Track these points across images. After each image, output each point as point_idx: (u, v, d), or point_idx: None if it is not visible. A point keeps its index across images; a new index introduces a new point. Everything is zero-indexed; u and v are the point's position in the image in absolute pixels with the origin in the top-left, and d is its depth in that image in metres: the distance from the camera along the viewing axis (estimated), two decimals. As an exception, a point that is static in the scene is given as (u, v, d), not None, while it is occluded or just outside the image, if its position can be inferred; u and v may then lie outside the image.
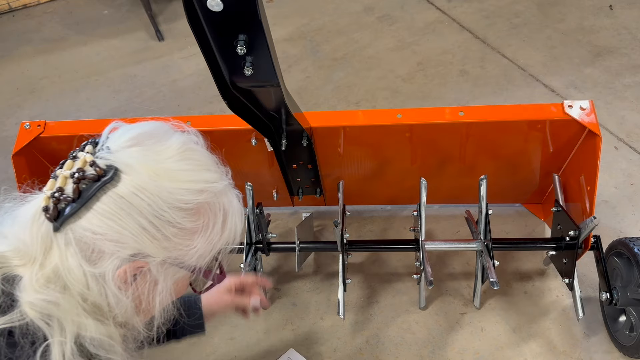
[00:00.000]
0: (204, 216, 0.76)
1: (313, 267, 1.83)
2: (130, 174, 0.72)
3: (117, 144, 0.76)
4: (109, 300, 0.75)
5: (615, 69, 2.40)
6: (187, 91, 2.61)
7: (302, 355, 1.59)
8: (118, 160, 0.73)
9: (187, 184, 0.74)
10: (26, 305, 0.72)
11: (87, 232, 0.71)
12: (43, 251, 0.73)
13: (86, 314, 0.74)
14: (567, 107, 1.48)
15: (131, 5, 3.21)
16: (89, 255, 0.72)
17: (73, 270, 0.72)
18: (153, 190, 0.72)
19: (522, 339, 1.59)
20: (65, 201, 0.71)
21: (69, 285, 0.73)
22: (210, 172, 0.78)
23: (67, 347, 0.73)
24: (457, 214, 1.91)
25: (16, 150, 1.55)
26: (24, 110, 2.62)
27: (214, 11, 0.99)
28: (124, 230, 0.71)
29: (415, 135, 1.58)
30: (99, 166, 0.72)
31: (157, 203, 0.72)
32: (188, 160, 0.76)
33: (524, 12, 2.78)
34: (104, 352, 0.76)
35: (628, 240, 1.49)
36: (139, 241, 0.72)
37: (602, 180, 1.57)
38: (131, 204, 0.71)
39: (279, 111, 1.35)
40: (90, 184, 0.71)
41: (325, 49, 2.74)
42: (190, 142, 0.79)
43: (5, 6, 3.26)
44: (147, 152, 0.74)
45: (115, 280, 0.74)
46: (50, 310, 0.72)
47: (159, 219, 0.72)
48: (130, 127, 0.79)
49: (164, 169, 0.73)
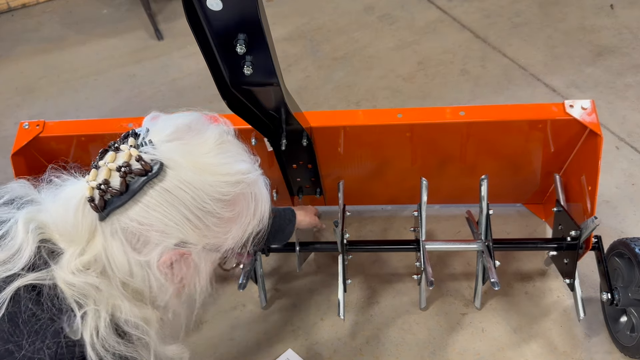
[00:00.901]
0: (239, 205, 0.82)
1: (313, 267, 1.82)
2: (175, 168, 0.76)
3: (159, 138, 0.79)
4: (152, 285, 0.80)
5: (616, 68, 2.39)
6: (186, 90, 2.60)
7: (301, 356, 1.59)
8: (162, 155, 0.77)
9: (226, 177, 0.79)
10: (62, 283, 0.77)
11: (133, 222, 0.76)
12: (87, 237, 0.78)
13: (123, 297, 0.79)
14: (568, 106, 1.48)
15: (130, 4, 3.20)
16: (134, 243, 0.77)
17: (117, 257, 0.77)
18: (196, 183, 0.76)
19: (523, 339, 1.59)
20: (111, 193, 0.75)
21: (108, 271, 0.78)
22: (245, 163, 0.83)
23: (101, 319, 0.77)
24: (457, 214, 1.91)
25: (15, 150, 1.55)
26: (23, 110, 2.61)
27: (214, 10, 0.98)
28: (170, 221, 0.76)
29: (415, 135, 1.57)
30: (145, 161, 0.76)
31: (200, 195, 0.77)
32: (225, 153, 0.81)
33: (524, 12, 2.77)
34: (137, 332, 0.81)
35: (629, 241, 1.48)
36: (183, 231, 0.77)
37: (603, 180, 1.56)
38: (176, 196, 0.76)
39: (278, 111, 1.35)
40: (137, 178, 0.75)
41: (325, 48, 2.73)
42: (224, 133, 0.84)
43: (4, 5, 3.25)
44: (188, 147, 0.79)
45: (159, 266, 0.79)
46: (86, 291, 0.77)
47: (201, 210, 0.77)
48: (169, 119, 0.83)
49: (205, 163, 0.78)
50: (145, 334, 0.82)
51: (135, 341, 0.81)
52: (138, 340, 0.81)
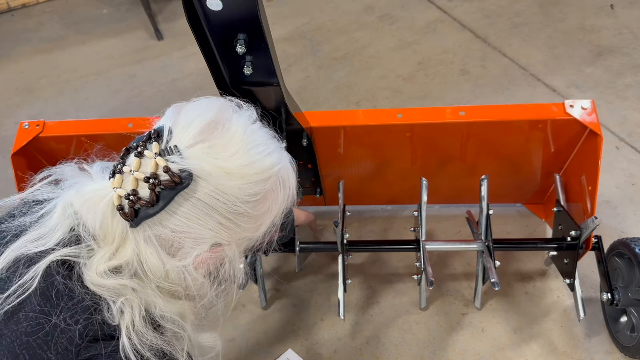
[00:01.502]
0: (270, 199, 0.83)
1: (313, 267, 1.82)
2: (206, 177, 0.76)
3: (184, 142, 0.77)
4: (187, 283, 0.81)
5: (616, 68, 2.39)
6: (186, 90, 2.60)
7: (301, 356, 1.59)
8: (190, 164, 0.75)
9: (256, 176, 0.79)
10: (89, 283, 0.77)
11: (166, 229, 0.77)
12: (118, 242, 0.79)
13: (157, 295, 0.80)
14: (568, 106, 1.48)
15: (130, 4, 3.20)
16: (168, 248, 0.79)
17: (151, 262, 0.78)
18: (227, 189, 0.77)
19: (523, 339, 1.59)
20: (141, 204, 0.75)
21: (141, 274, 0.79)
22: (272, 155, 0.83)
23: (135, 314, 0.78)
24: (457, 214, 1.91)
25: (15, 150, 1.55)
26: (23, 110, 2.61)
27: (214, 10, 0.98)
28: (204, 228, 0.77)
29: (415, 135, 1.57)
30: (174, 172, 0.74)
31: (231, 200, 0.77)
32: (252, 149, 0.80)
33: (524, 12, 2.77)
34: (173, 326, 0.82)
35: (629, 241, 1.48)
36: (216, 234, 0.79)
37: (603, 180, 1.56)
38: (209, 205, 0.76)
39: (278, 111, 1.35)
40: (167, 190, 0.74)
41: (325, 48, 2.73)
42: (248, 123, 0.83)
43: (4, 5, 3.25)
44: (214, 150, 0.77)
45: (195, 265, 0.80)
46: (118, 290, 0.78)
47: (233, 213, 0.78)
48: (191, 114, 0.81)
49: (234, 167, 0.77)
50: (181, 328, 0.83)
51: (170, 335, 0.82)
52: (173, 333, 0.83)
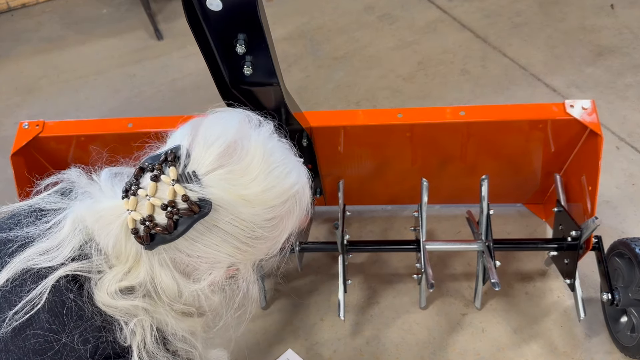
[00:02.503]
0: (286, 219, 0.81)
1: (313, 267, 1.82)
2: (225, 206, 0.75)
3: (203, 168, 0.75)
4: (201, 303, 0.81)
5: (616, 68, 2.39)
6: (186, 90, 2.60)
7: (301, 356, 1.59)
8: (210, 193, 0.74)
9: (274, 201, 0.78)
10: (100, 303, 0.76)
11: (182, 254, 0.76)
12: (131, 263, 0.78)
13: (169, 314, 0.80)
14: (568, 106, 1.48)
15: (130, 4, 3.20)
16: (183, 269, 0.78)
17: (166, 284, 0.78)
18: (245, 217, 0.76)
19: (523, 339, 1.59)
20: (157, 230, 0.74)
21: (154, 295, 0.78)
22: (290, 175, 0.80)
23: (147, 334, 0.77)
24: (458, 214, 1.91)
25: (15, 150, 1.55)
26: (23, 110, 2.61)
27: (214, 10, 0.98)
28: (220, 253, 0.77)
29: (416, 135, 1.57)
30: (192, 201, 0.73)
31: (250, 227, 0.77)
32: (272, 173, 0.78)
33: (525, 11, 2.77)
34: (185, 345, 0.82)
35: (629, 241, 1.48)
36: (232, 258, 0.79)
37: (603, 181, 1.56)
38: (227, 232, 0.76)
39: (278, 111, 1.35)
40: (185, 218, 0.73)
41: (325, 48, 2.73)
42: (267, 142, 0.80)
43: (4, 5, 3.25)
44: (233, 176, 0.76)
45: (209, 287, 0.80)
46: (131, 311, 0.77)
47: (251, 238, 0.78)
48: (210, 138, 0.77)
49: (254, 194, 0.76)
50: (193, 347, 0.83)
51: (182, 355, 0.82)
52: (185, 353, 0.83)
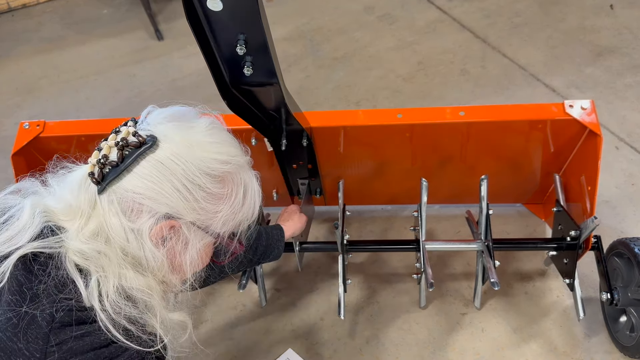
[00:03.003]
0: (228, 185, 0.86)
1: (313, 267, 1.82)
2: (168, 142, 0.82)
3: (155, 120, 0.86)
4: (146, 255, 0.84)
5: (616, 68, 2.39)
6: (186, 90, 2.61)
7: (301, 356, 1.59)
8: (157, 130, 0.84)
9: (215, 154, 0.84)
10: (72, 253, 0.82)
11: (128, 192, 0.81)
12: (88, 210, 0.84)
13: (127, 265, 0.84)
14: (567, 106, 1.48)
15: (130, 4, 3.20)
16: (129, 214, 0.82)
17: (114, 226, 0.82)
18: (187, 157, 0.82)
19: (523, 339, 1.59)
20: (109, 165, 0.82)
21: (110, 239, 0.83)
22: (234, 148, 0.89)
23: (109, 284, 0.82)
24: (457, 214, 1.91)
25: (15, 150, 1.55)
26: (23, 110, 2.61)
27: (214, 10, 0.98)
28: (161, 190, 0.81)
29: (415, 135, 1.57)
30: (141, 135, 0.82)
31: (189, 168, 0.82)
32: (215, 135, 0.87)
33: (524, 12, 2.77)
34: (143, 296, 0.85)
35: (629, 241, 1.48)
36: (172, 201, 0.82)
37: (602, 180, 1.57)
38: (168, 167, 0.81)
39: (278, 111, 1.35)
40: (132, 150, 0.81)
41: (325, 48, 2.74)
42: (215, 122, 0.90)
43: (5, 6, 3.25)
44: (181, 126, 0.85)
45: (151, 236, 0.83)
46: (95, 258, 0.82)
47: (190, 182, 0.82)
48: (166, 108, 0.90)
49: (196, 140, 0.84)
50: (150, 297, 0.86)
51: (141, 305, 0.85)
52: (144, 304, 0.85)
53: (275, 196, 1.79)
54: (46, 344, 0.77)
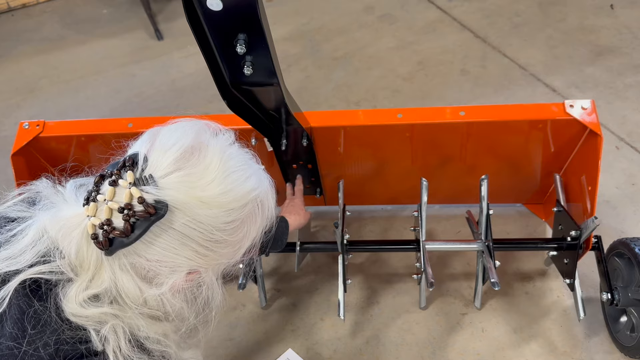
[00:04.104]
0: (247, 223, 0.81)
1: (313, 267, 1.82)
2: (181, 208, 0.74)
3: (160, 172, 0.75)
4: (166, 308, 0.81)
5: (616, 68, 2.39)
6: (186, 90, 2.60)
7: (301, 356, 1.59)
8: (166, 195, 0.73)
9: (233, 204, 0.77)
10: (69, 314, 0.76)
11: (142, 259, 0.76)
12: (93, 270, 0.77)
13: (139, 317, 0.80)
14: (568, 106, 1.48)
15: (130, 4, 3.20)
16: (144, 275, 0.78)
17: (129, 290, 0.77)
18: (203, 219, 0.75)
19: (523, 339, 1.59)
20: (115, 234, 0.73)
21: (119, 300, 0.78)
22: (250, 180, 0.80)
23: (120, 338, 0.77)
24: (457, 214, 1.91)
25: (15, 150, 1.55)
26: (23, 110, 2.61)
27: (214, 10, 0.98)
28: (179, 256, 0.76)
29: (415, 135, 1.57)
30: (149, 203, 0.72)
31: (208, 230, 0.76)
32: (230, 176, 0.77)
33: (524, 12, 2.77)
34: (159, 347, 0.82)
35: (629, 241, 1.48)
36: (192, 262, 0.78)
37: (603, 180, 1.57)
38: (184, 234, 0.75)
39: (278, 111, 1.35)
40: (141, 220, 0.73)
41: (325, 48, 2.73)
42: (225, 148, 0.80)
43: (4, 5, 3.25)
44: (190, 179, 0.75)
45: (172, 292, 0.80)
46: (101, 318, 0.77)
47: (210, 242, 0.77)
48: (167, 141, 0.78)
49: (210, 196, 0.75)
50: (167, 347, 0.83)
51: (157, 355, 0.82)
52: (160, 354, 0.83)
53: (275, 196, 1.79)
54: None
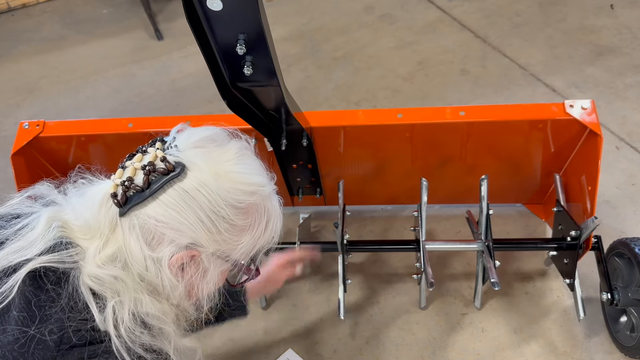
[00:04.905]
0: (252, 216, 0.85)
1: (313, 267, 1.82)
2: (195, 171, 0.80)
3: (184, 145, 0.84)
4: (164, 283, 0.83)
5: (616, 68, 2.39)
6: (186, 90, 2.60)
7: (301, 356, 1.59)
8: (185, 158, 0.82)
9: (242, 185, 0.82)
10: (87, 276, 0.80)
11: (150, 219, 0.80)
12: (107, 232, 0.82)
13: (143, 290, 0.83)
14: (568, 106, 1.48)
15: (130, 4, 3.20)
16: (150, 240, 0.81)
17: (134, 252, 0.81)
18: (213, 187, 0.80)
19: (523, 339, 1.59)
20: (134, 189, 0.80)
21: (129, 265, 0.82)
22: (261, 177, 0.87)
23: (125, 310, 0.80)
24: (457, 214, 1.91)
25: (15, 150, 1.55)
26: (23, 110, 2.61)
27: (214, 10, 0.98)
28: (184, 220, 0.79)
29: (415, 135, 1.57)
30: (169, 162, 0.80)
31: (215, 200, 0.80)
32: (243, 164, 0.85)
33: (525, 12, 2.77)
34: (158, 323, 0.85)
35: (629, 241, 1.48)
36: (195, 232, 0.80)
37: (603, 180, 1.57)
38: (193, 198, 0.79)
39: (278, 111, 1.35)
40: (159, 177, 0.80)
41: (325, 48, 2.73)
42: (244, 148, 0.89)
43: (4, 5, 3.25)
44: (210, 154, 0.83)
45: (170, 264, 0.82)
46: (111, 283, 0.80)
47: (215, 214, 0.81)
48: (195, 130, 0.88)
49: (224, 171, 0.82)
50: (165, 324, 0.86)
51: (157, 332, 0.85)
52: (160, 331, 0.85)
53: (275, 196, 1.79)
54: None
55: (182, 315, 0.91)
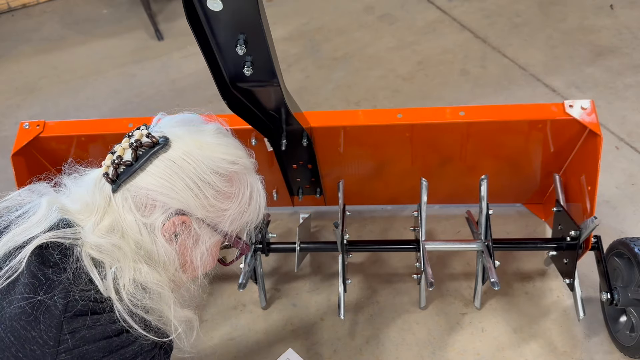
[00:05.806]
0: (236, 185, 0.92)
1: (313, 267, 1.82)
2: (179, 142, 0.89)
3: (167, 124, 0.94)
4: (159, 249, 0.88)
5: (616, 68, 2.39)
6: (186, 91, 2.61)
7: (301, 356, 1.59)
8: (169, 132, 0.90)
9: (224, 155, 0.90)
10: (88, 246, 0.86)
11: (141, 189, 0.86)
12: (103, 206, 0.88)
13: (141, 259, 0.88)
14: (567, 106, 1.48)
15: (130, 4, 3.20)
16: (143, 209, 0.87)
17: (129, 221, 0.87)
18: (197, 156, 0.88)
19: (523, 339, 1.59)
20: (124, 165, 0.87)
21: (125, 234, 0.87)
22: (240, 150, 0.95)
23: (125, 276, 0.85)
24: (457, 214, 1.91)
25: (15, 150, 1.55)
26: (23, 110, 2.61)
27: (214, 10, 0.98)
28: (173, 186, 0.86)
29: (415, 135, 1.57)
30: (154, 136, 0.88)
31: (200, 167, 0.88)
32: (223, 138, 0.94)
33: (524, 12, 2.78)
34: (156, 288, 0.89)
35: (629, 241, 1.48)
36: (184, 197, 0.87)
37: (603, 180, 1.57)
38: (179, 166, 0.87)
39: (278, 111, 1.35)
40: (146, 150, 0.87)
41: (325, 48, 2.74)
42: (222, 127, 0.97)
43: (4, 5, 3.26)
44: (191, 129, 0.92)
45: (163, 231, 0.88)
46: (111, 251, 0.86)
47: (201, 180, 0.88)
48: (175, 115, 0.98)
49: (206, 142, 0.90)
50: (163, 289, 0.90)
51: (155, 296, 0.89)
52: (158, 295, 0.89)
53: (275, 196, 1.79)
54: (59, 331, 0.80)
55: (179, 288, 0.96)
